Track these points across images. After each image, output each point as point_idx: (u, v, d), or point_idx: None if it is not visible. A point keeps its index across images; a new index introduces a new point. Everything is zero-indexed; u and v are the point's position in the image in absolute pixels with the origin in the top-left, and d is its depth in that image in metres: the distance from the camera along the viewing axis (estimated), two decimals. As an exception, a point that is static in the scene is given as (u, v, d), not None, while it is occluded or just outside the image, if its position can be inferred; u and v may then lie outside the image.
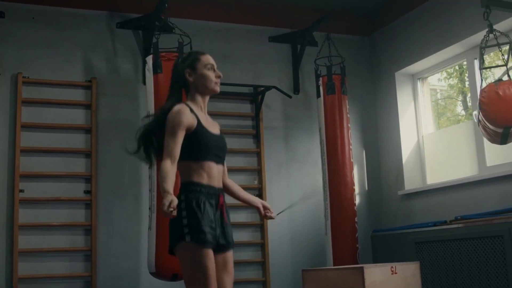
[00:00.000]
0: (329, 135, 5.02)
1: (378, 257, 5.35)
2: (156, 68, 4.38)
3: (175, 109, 2.71)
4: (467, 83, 5.24)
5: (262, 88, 5.28)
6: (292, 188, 5.38)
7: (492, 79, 4.62)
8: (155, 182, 4.20)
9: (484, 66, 4.21)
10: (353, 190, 5.00)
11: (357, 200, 5.28)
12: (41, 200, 4.59)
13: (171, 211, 2.46)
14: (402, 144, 5.45)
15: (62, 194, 4.64)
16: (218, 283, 2.69)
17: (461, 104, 5.66)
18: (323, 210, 5.05)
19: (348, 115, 5.12)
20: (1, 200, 4.48)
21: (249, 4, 5.47)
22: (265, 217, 2.96)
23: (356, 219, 4.96)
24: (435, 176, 5.29)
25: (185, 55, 2.87)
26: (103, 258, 4.64)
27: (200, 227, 2.60)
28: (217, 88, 2.83)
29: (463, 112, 5.58)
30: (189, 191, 2.67)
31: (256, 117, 5.34)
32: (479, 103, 4.04)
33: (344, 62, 5.18)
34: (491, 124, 3.96)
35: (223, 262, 2.74)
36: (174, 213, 2.47)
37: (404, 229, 5.08)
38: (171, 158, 2.61)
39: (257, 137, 5.31)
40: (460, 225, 4.47)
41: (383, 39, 5.79)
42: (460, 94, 5.61)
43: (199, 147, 2.70)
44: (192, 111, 2.73)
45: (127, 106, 4.94)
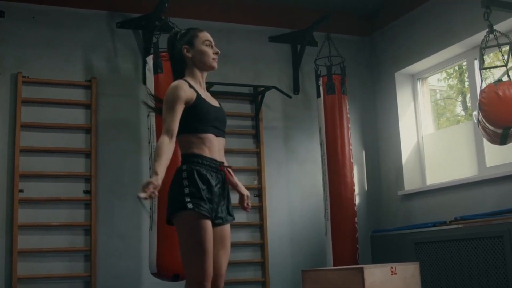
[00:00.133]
0: (329, 135, 5.01)
1: (377, 258, 5.35)
2: (156, 68, 4.39)
3: (173, 84, 2.71)
4: (466, 84, 5.24)
5: (262, 88, 5.28)
6: (292, 188, 5.38)
7: (492, 79, 4.62)
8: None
9: (484, 66, 4.20)
10: (353, 191, 5.00)
11: (357, 200, 5.28)
12: (41, 200, 4.58)
13: (149, 196, 2.39)
14: (401, 144, 5.45)
15: (62, 194, 4.64)
16: (214, 257, 2.67)
17: (460, 104, 5.66)
18: (323, 210, 5.05)
19: (348, 115, 5.12)
20: (0, 200, 4.47)
21: (249, 4, 5.47)
22: (243, 207, 2.94)
23: (356, 220, 4.96)
24: (435, 177, 5.30)
25: (183, 31, 2.86)
26: (102, 258, 4.64)
27: (201, 196, 2.60)
28: (215, 64, 2.84)
29: (462, 113, 5.58)
30: (191, 162, 2.66)
31: (256, 117, 5.34)
32: (478, 104, 4.04)
33: (344, 62, 5.17)
34: (490, 124, 3.96)
35: (220, 236, 2.72)
36: (153, 196, 2.40)
37: (404, 230, 5.08)
38: (168, 134, 2.60)
39: (257, 137, 5.31)
40: (459, 226, 4.47)
41: (383, 39, 5.79)
42: (460, 95, 5.61)
43: (199, 119, 2.70)
44: (191, 86, 2.73)
45: (127, 106, 4.94)
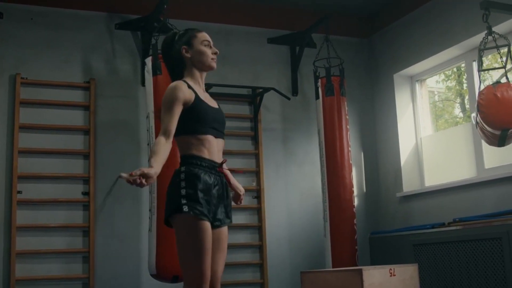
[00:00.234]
0: (328, 137, 5.01)
1: (376, 259, 5.35)
2: (155, 70, 4.38)
3: (172, 85, 2.70)
4: (465, 85, 5.25)
5: (260, 90, 5.28)
6: (291, 189, 5.38)
7: (490, 81, 4.62)
8: (155, 184, 4.18)
9: (483, 68, 4.21)
10: (352, 192, 5.00)
11: (356, 202, 5.27)
12: (39, 202, 4.57)
13: (133, 180, 2.33)
14: (400, 146, 5.45)
15: (60, 196, 4.63)
16: (211, 260, 2.64)
17: (459, 106, 5.66)
18: (322, 212, 5.05)
19: (347, 117, 5.12)
20: (-1, 201, 4.47)
21: (248, 6, 5.47)
22: (235, 202, 2.92)
23: (355, 221, 4.96)
24: (433, 178, 5.30)
25: (181, 32, 2.84)
26: (101, 260, 4.63)
27: (198, 198, 2.58)
28: (214, 64, 2.83)
29: (461, 114, 5.58)
30: (189, 164, 2.65)
31: (254, 119, 5.33)
32: (477, 105, 4.04)
33: (342, 64, 5.17)
34: (489, 126, 3.96)
35: (217, 238, 2.70)
36: (137, 181, 2.34)
37: (403, 231, 5.08)
38: (165, 134, 2.58)
39: (255, 139, 5.31)
40: (458, 227, 4.47)
41: (381, 41, 5.80)
42: (458, 97, 5.61)
43: (198, 120, 2.68)
44: (189, 87, 2.71)
45: (125, 107, 4.94)
